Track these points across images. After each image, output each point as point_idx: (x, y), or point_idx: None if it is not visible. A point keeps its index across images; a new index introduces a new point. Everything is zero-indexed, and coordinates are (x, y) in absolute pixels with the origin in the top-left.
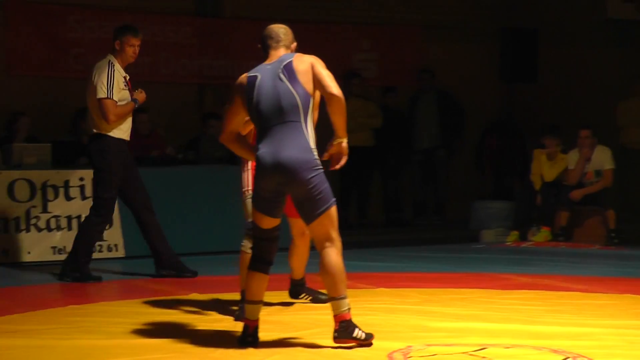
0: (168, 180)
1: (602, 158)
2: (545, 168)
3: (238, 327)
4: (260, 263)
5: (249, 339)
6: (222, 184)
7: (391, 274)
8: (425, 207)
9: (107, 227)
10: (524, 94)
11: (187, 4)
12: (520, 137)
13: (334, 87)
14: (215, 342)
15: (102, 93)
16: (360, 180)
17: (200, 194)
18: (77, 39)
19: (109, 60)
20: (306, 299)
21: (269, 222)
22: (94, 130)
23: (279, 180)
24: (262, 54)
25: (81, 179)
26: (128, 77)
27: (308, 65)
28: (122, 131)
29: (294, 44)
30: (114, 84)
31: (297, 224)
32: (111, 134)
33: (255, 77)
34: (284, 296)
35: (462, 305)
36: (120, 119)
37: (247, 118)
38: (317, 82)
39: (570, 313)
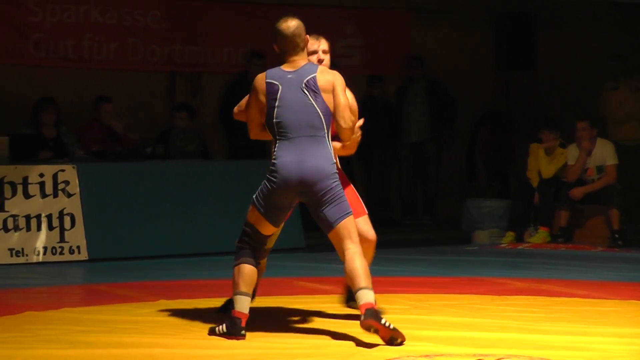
0: (136, 177)
1: (604, 153)
2: (543, 164)
3: (201, 334)
4: (251, 259)
5: (241, 332)
6: (194, 181)
7: (377, 278)
8: (415, 205)
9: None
10: (521, 83)
11: None
12: (517, 130)
13: (344, 118)
14: (183, 352)
15: None
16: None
17: (170, 192)
18: (38, 24)
19: None
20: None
21: (271, 230)
22: None
23: (301, 189)
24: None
25: (41, 175)
26: None
27: (331, 84)
28: None
29: (307, 37)
30: None
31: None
32: None
33: (277, 86)
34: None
35: (454, 313)
36: None
37: None
38: (334, 106)
39: (570, 321)
